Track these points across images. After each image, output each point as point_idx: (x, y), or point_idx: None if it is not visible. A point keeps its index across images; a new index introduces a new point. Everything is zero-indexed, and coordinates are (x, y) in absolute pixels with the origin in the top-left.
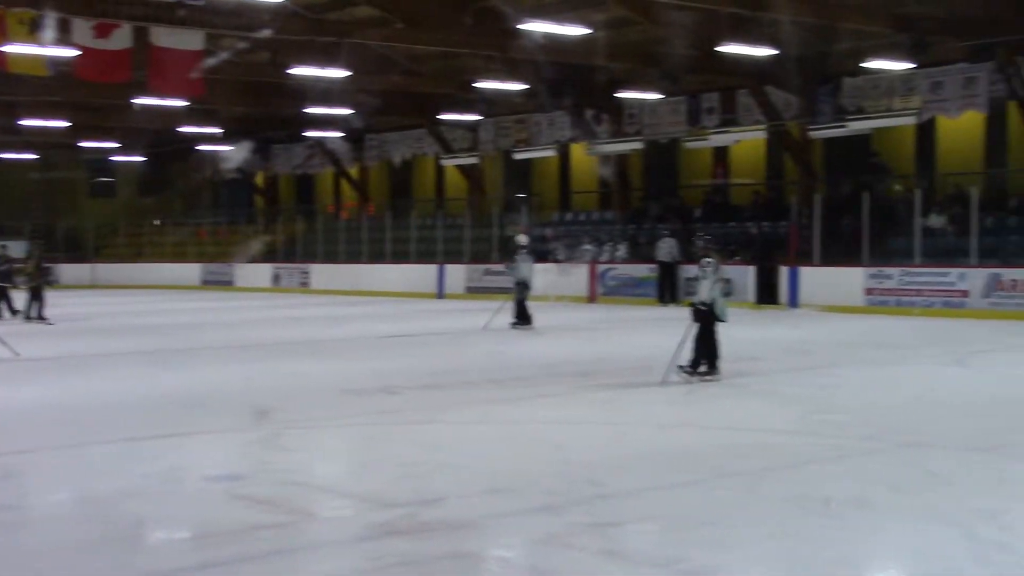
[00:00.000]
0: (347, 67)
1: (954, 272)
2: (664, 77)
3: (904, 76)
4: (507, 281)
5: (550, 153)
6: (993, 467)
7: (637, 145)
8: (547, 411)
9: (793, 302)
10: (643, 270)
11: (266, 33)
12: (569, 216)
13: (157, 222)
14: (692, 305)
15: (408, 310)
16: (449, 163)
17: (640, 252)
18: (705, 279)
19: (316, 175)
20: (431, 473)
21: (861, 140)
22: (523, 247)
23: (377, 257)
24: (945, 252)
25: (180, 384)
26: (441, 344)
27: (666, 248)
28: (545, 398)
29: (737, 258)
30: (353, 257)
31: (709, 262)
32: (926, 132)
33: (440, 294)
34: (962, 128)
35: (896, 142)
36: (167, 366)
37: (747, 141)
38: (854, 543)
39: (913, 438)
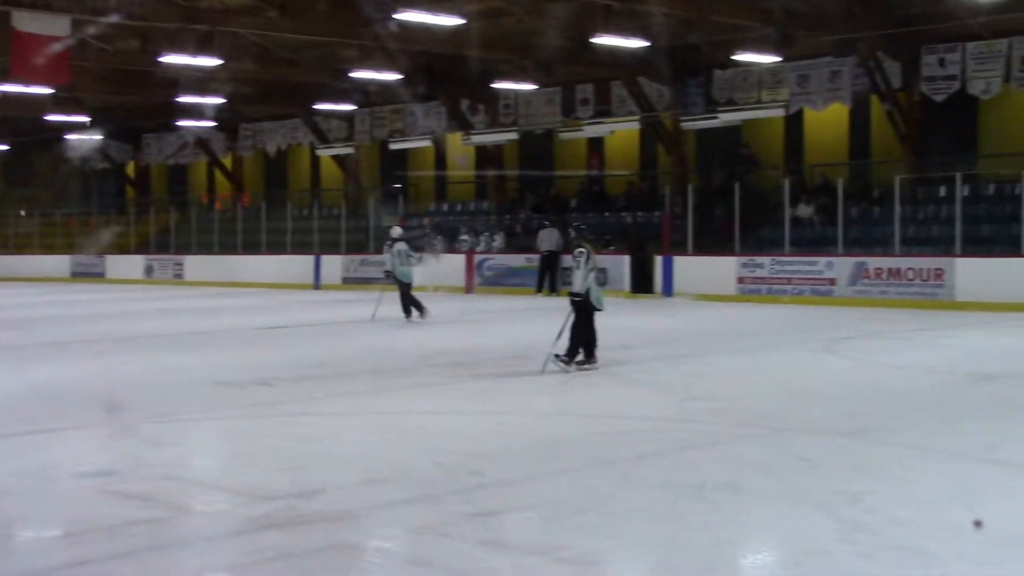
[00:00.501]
0: (220, 55)
1: (822, 261)
2: (539, 68)
3: (772, 69)
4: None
5: (425, 143)
6: (856, 451)
7: (512, 136)
8: (425, 402)
9: (667, 291)
10: (520, 260)
11: (135, 20)
12: (445, 207)
13: (23, 213)
14: (569, 295)
15: (284, 301)
16: (325, 153)
17: (517, 242)
18: (579, 269)
19: (189, 165)
20: (309, 465)
21: (732, 131)
22: (396, 239)
23: (252, 248)
24: (813, 241)
25: (49, 379)
26: (318, 335)
27: (547, 238)
28: (423, 388)
29: (612, 248)
30: (228, 248)
31: (582, 252)
32: (794, 124)
33: (316, 285)
34: (828, 121)
35: (765, 134)
36: (35, 360)
37: (621, 132)
38: (727, 526)
39: (783, 423)
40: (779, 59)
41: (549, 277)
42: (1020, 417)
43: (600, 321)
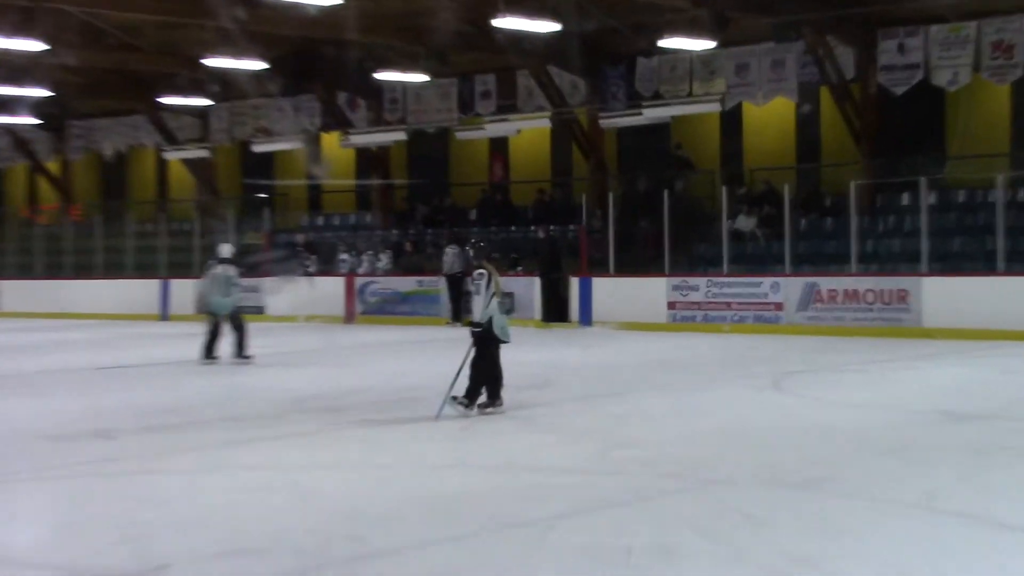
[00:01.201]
0: (43, 38)
1: (766, 282)
2: (431, 56)
3: (705, 57)
4: (256, 298)
5: (296, 145)
6: (811, 505)
7: (400, 136)
8: (296, 454)
9: (585, 319)
10: (410, 283)
11: None
12: (320, 220)
13: None
14: (469, 325)
15: (125, 335)
16: (173, 156)
17: (406, 262)
18: (479, 295)
19: (5, 170)
20: (154, 534)
21: (659, 130)
22: (222, 260)
23: (85, 271)
24: (756, 259)
25: None
26: (167, 376)
27: (450, 259)
28: (294, 439)
29: (519, 269)
30: (54, 271)
31: (483, 274)
32: (732, 121)
33: (164, 315)
34: (772, 117)
35: (699, 133)
36: None
37: (529, 131)
38: None
39: (722, 474)
40: (713, 45)
41: (452, 304)
42: (997, 464)
43: (506, 356)
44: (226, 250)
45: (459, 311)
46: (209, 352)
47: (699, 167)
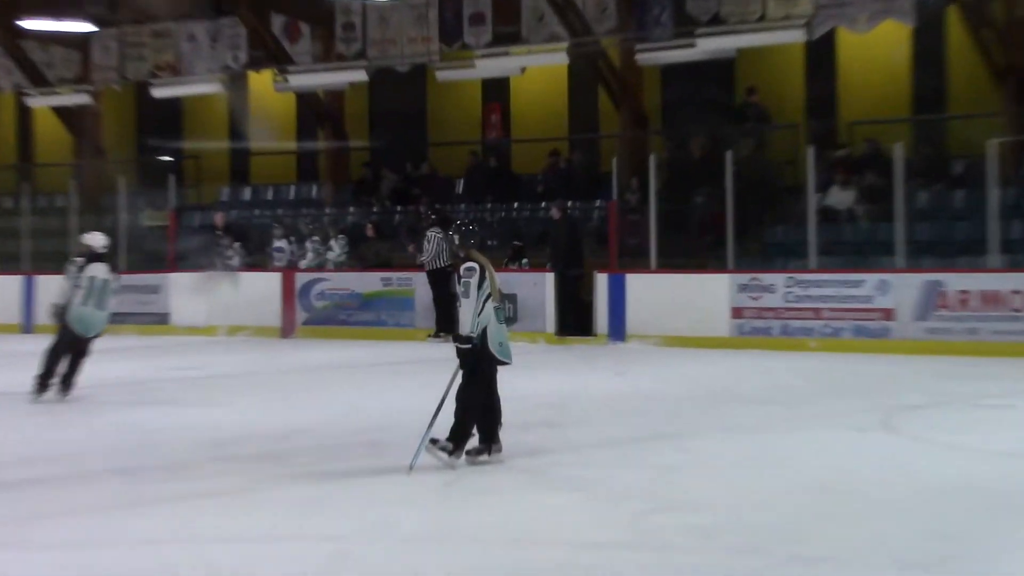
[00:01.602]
0: None
1: (870, 280)
2: None
3: None
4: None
5: (214, 88)
6: None
7: (358, 75)
8: (213, 520)
9: (617, 332)
10: (373, 282)
11: None
12: (247, 194)
13: None
14: (454, 340)
15: None
16: (40, 103)
17: (367, 252)
18: (467, 298)
19: None
20: None
21: (720, 68)
22: (92, 255)
23: None
24: (856, 248)
25: None
26: (35, 413)
27: (433, 247)
28: (212, 500)
29: (525, 262)
30: None
31: (472, 269)
32: (822, 56)
33: (27, 326)
34: (877, 50)
35: (775, 72)
36: None
37: (538, 70)
38: None
39: (816, 550)
40: None
41: (436, 310)
42: None
43: (505, 383)
44: (98, 241)
45: (444, 320)
46: (45, 382)
47: (775, 120)
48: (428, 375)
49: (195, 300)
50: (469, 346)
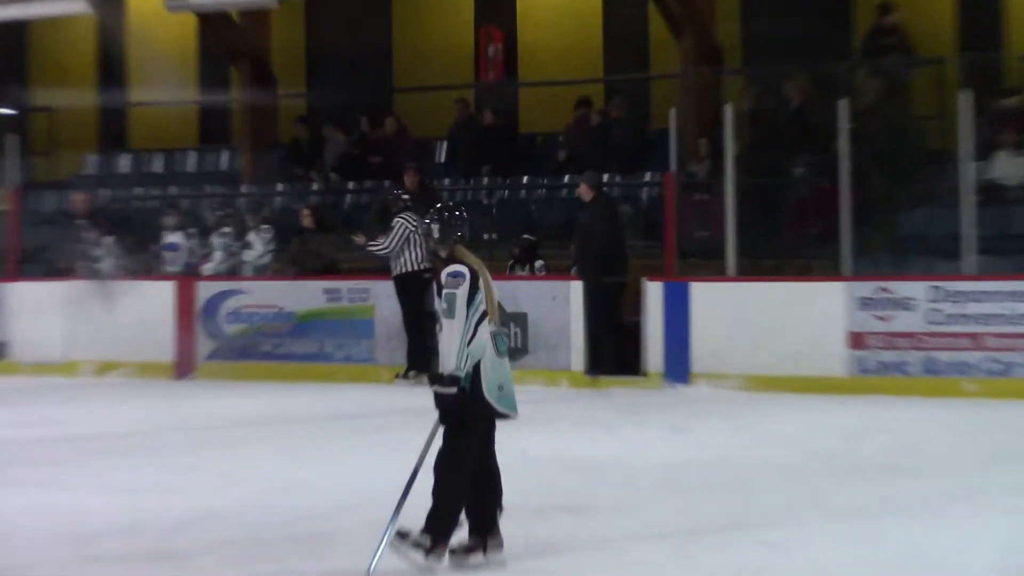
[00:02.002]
0: None
1: None
2: None
3: None
4: None
5: (74, 7)
6: None
7: None
8: None
9: (676, 369)
10: (312, 295)
11: None
12: (127, 163)
13: None
14: (430, 382)
15: None
16: None
17: (302, 251)
18: (452, 318)
19: None
20: None
21: None
22: None
23: None
24: None
25: None
26: None
27: (401, 240)
28: None
29: (540, 265)
30: None
31: (459, 275)
32: None
33: None
34: None
35: None
36: None
37: None
38: None
39: None
40: None
41: (408, 336)
42: None
43: (508, 446)
44: None
45: (417, 351)
46: None
47: (917, 53)
48: (395, 435)
49: (49, 322)
50: (454, 391)
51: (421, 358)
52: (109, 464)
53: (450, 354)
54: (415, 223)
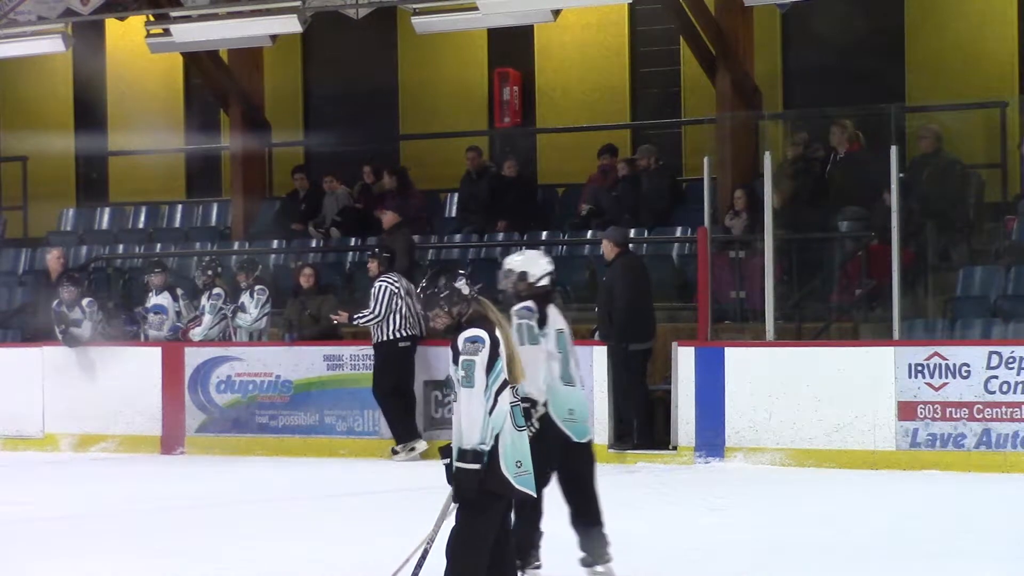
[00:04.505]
0: None
1: None
2: None
3: None
4: None
5: (49, 46)
6: None
7: (288, 24)
8: None
9: (710, 442)
10: (312, 362)
11: None
12: (107, 217)
13: None
14: (442, 458)
15: None
16: None
17: (303, 314)
18: (470, 387)
19: None
20: None
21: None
22: None
23: None
24: None
25: None
26: None
27: (383, 305)
28: None
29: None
30: None
31: (478, 340)
32: None
33: None
34: None
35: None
36: None
37: (580, 13)
38: None
39: None
40: None
41: (382, 407)
42: None
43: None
44: None
45: (400, 422)
46: None
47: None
48: (397, 515)
49: (25, 392)
50: (478, 467)
51: (404, 428)
52: (85, 550)
53: (472, 426)
54: (397, 284)
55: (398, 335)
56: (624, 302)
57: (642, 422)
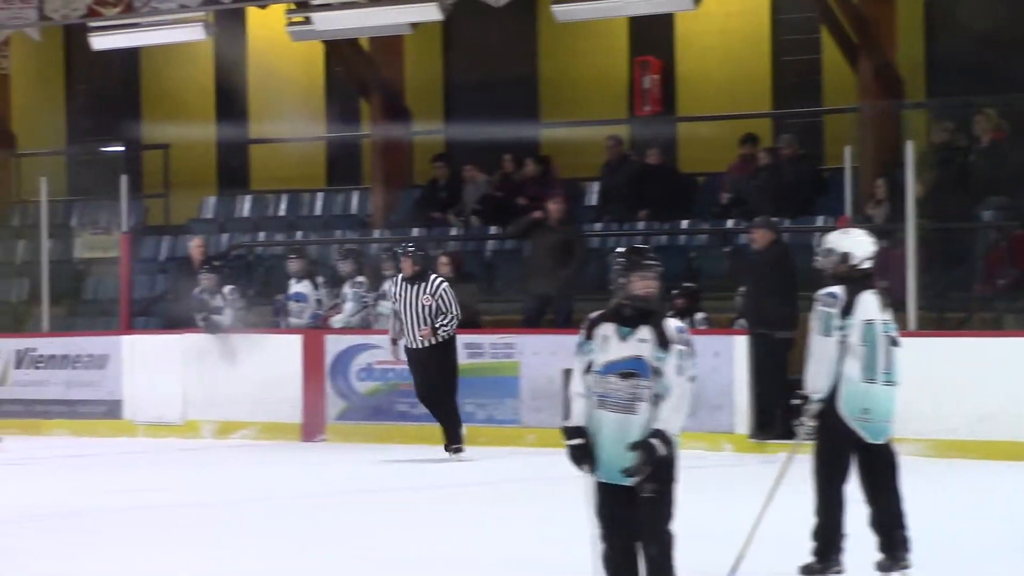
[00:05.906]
0: None
1: None
2: None
3: None
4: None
5: (191, 35)
6: None
7: (428, 11)
8: None
9: None
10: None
11: None
12: (248, 205)
13: None
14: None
15: None
16: None
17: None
18: (682, 375)
19: None
20: None
21: None
22: None
23: None
24: None
25: None
26: None
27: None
28: None
29: (699, 318)
30: None
31: (684, 329)
32: None
33: None
34: None
35: None
36: None
37: (723, 0)
38: None
39: None
40: None
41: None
42: None
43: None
44: None
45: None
46: None
47: None
48: (540, 503)
49: (166, 379)
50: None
51: (454, 426)
52: (222, 536)
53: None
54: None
55: (454, 332)
56: (775, 290)
57: (785, 411)
